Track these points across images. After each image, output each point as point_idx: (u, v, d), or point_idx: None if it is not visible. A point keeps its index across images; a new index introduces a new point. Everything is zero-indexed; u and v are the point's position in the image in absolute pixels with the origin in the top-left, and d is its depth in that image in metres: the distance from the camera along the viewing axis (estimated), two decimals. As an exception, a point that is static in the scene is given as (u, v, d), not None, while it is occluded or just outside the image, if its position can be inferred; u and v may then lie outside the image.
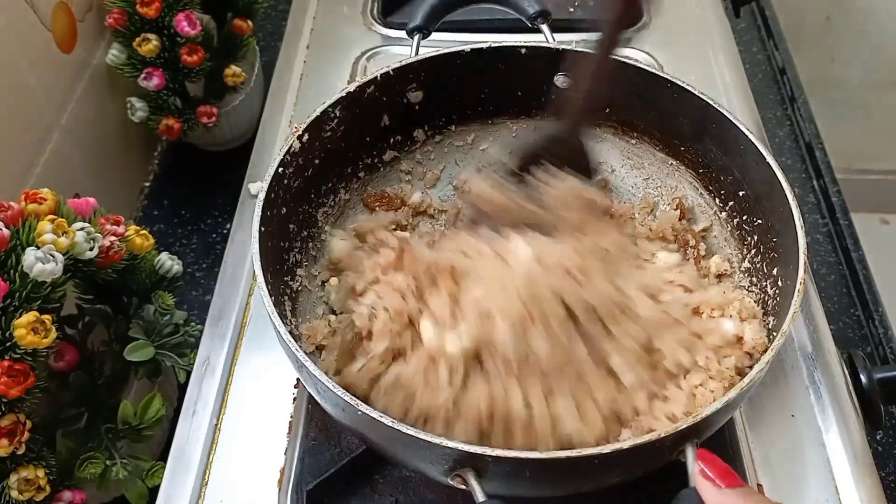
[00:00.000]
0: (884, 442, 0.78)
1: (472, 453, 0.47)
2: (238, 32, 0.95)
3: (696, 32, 0.98)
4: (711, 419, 0.49)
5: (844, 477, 0.62)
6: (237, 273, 0.75)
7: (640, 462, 0.51)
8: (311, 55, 0.97)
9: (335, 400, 0.51)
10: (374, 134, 0.74)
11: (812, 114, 1.06)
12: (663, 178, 0.75)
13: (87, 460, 0.64)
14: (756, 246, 0.66)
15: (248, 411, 0.67)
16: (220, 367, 0.69)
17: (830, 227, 0.96)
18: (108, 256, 0.64)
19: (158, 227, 0.96)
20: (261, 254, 0.57)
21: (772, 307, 0.61)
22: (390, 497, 0.63)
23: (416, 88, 0.73)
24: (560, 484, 0.52)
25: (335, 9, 1.03)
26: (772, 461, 0.63)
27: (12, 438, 0.57)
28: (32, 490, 0.59)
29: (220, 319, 0.72)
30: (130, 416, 0.67)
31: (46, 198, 0.62)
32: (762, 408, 0.66)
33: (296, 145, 0.65)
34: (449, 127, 0.77)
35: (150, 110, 0.91)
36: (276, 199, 0.63)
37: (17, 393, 0.56)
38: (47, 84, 0.81)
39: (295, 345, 0.52)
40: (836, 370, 0.68)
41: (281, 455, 0.64)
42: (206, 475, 0.63)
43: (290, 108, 0.90)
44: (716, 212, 0.71)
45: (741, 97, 0.90)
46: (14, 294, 0.57)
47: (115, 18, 0.86)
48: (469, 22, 0.92)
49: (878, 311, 0.87)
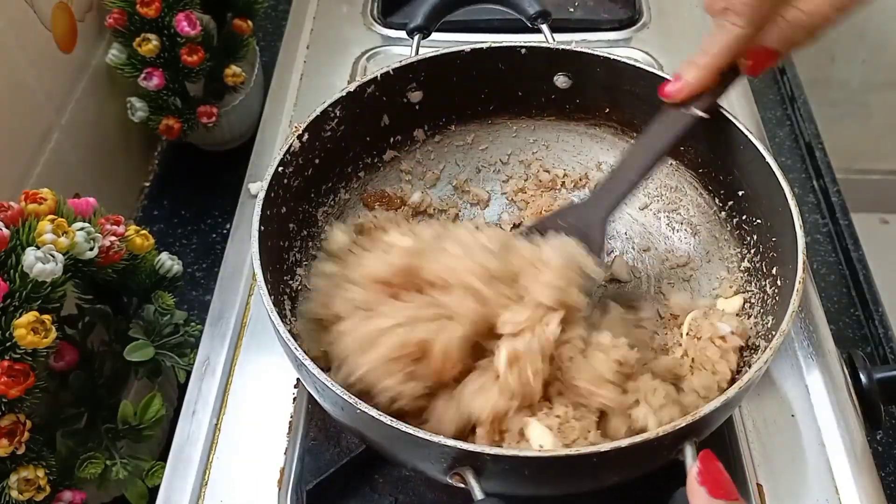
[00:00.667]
0: (884, 442, 0.78)
1: (470, 451, 0.47)
2: (238, 32, 0.95)
3: (696, 32, 0.98)
4: (710, 418, 0.49)
5: (844, 477, 0.62)
6: (237, 273, 0.75)
7: (638, 461, 0.51)
8: (311, 55, 0.97)
9: (334, 399, 0.51)
10: (374, 133, 0.74)
11: (812, 114, 1.06)
12: (663, 177, 0.75)
13: (87, 460, 0.64)
14: (755, 245, 0.66)
15: (248, 411, 0.67)
16: (220, 367, 0.69)
17: (830, 227, 0.96)
18: (108, 256, 0.64)
19: (158, 227, 0.96)
20: (260, 253, 0.57)
21: (771, 307, 0.61)
22: (390, 497, 0.63)
23: (416, 88, 0.73)
24: (558, 482, 0.52)
25: (335, 9, 1.03)
26: (772, 461, 0.63)
27: (12, 438, 0.57)
28: (32, 490, 0.59)
29: (220, 319, 0.72)
30: (130, 416, 0.67)
31: (46, 198, 0.62)
32: (762, 408, 0.66)
33: (296, 145, 0.65)
34: (449, 127, 0.77)
35: (150, 110, 0.91)
36: (275, 198, 0.63)
37: (17, 393, 0.56)
38: (47, 84, 0.81)
39: (294, 344, 0.52)
40: (836, 370, 0.68)
41: (281, 455, 0.64)
42: (206, 475, 0.63)
43: (290, 108, 0.90)
44: (715, 211, 0.71)
45: (741, 97, 0.90)
46: (14, 294, 0.57)
47: (115, 18, 0.86)
48: (469, 22, 0.92)
49: (878, 311, 0.87)
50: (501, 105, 0.77)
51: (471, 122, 0.78)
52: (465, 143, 0.78)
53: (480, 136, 0.78)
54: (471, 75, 0.73)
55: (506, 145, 0.79)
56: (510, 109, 0.77)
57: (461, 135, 0.78)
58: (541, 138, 0.78)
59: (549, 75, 0.73)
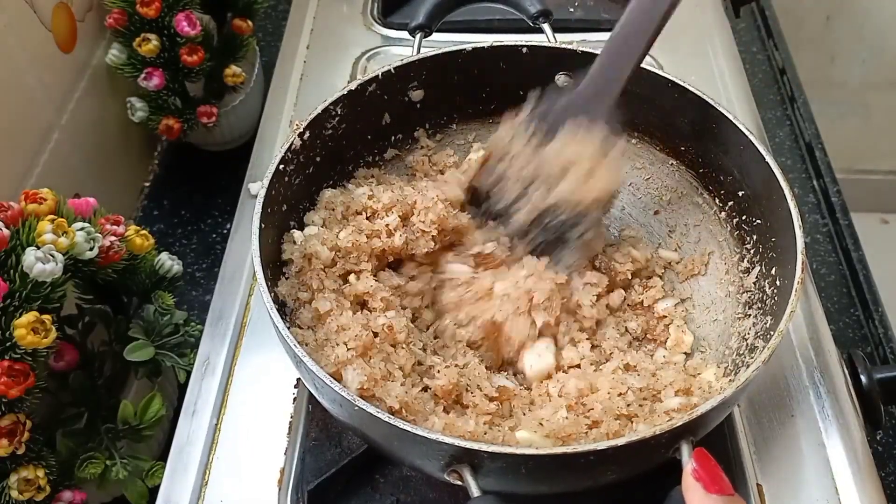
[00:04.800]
0: (884, 442, 0.78)
1: (467, 449, 0.47)
2: (238, 32, 0.95)
3: (696, 32, 0.98)
4: (707, 416, 0.49)
5: (844, 477, 0.62)
6: (237, 273, 0.75)
7: (635, 459, 0.51)
8: (311, 55, 0.97)
9: (333, 396, 0.51)
10: (375, 132, 0.74)
11: (812, 114, 1.06)
12: (663, 177, 0.75)
13: (87, 460, 0.64)
14: (755, 245, 0.66)
15: (248, 411, 0.67)
16: (220, 367, 0.69)
17: (830, 227, 0.96)
18: (108, 256, 0.64)
19: (158, 227, 0.96)
20: (261, 250, 0.57)
21: (770, 307, 0.61)
22: (391, 496, 0.63)
23: (417, 87, 0.73)
24: (556, 481, 0.52)
25: (335, 9, 1.03)
26: (772, 461, 0.63)
27: (12, 438, 0.57)
28: (32, 490, 0.59)
29: (220, 319, 0.72)
30: (130, 416, 0.67)
31: (46, 198, 0.62)
32: (762, 408, 0.66)
33: (297, 143, 0.65)
34: (450, 126, 0.77)
35: (150, 110, 0.91)
36: (276, 196, 0.63)
37: (17, 393, 0.56)
38: (47, 84, 0.81)
39: (293, 340, 0.52)
40: (836, 370, 0.68)
41: (281, 455, 0.64)
42: (206, 475, 0.63)
43: (290, 107, 0.90)
44: (715, 211, 0.71)
45: (741, 97, 0.90)
46: (14, 294, 0.57)
47: (115, 18, 0.86)
48: (470, 22, 0.92)
49: (878, 311, 0.87)
50: (502, 104, 0.76)
51: (471, 120, 0.78)
52: (465, 142, 0.78)
53: (481, 134, 0.78)
54: (472, 74, 0.73)
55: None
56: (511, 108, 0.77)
57: (462, 133, 0.78)
58: (541, 138, 0.78)
59: (550, 74, 0.73)
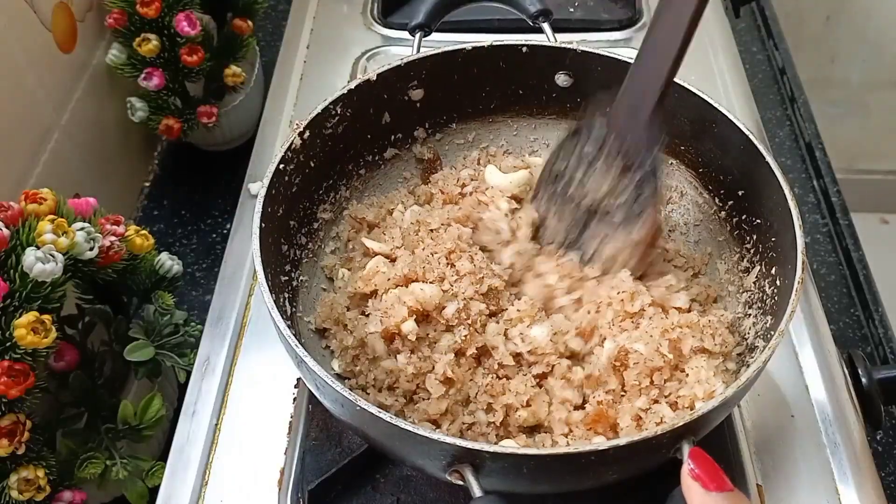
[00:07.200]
0: (884, 442, 0.78)
1: (469, 449, 0.47)
2: (238, 32, 0.95)
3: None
4: (708, 417, 0.49)
5: (844, 477, 0.62)
6: (237, 273, 0.75)
7: (636, 459, 0.51)
8: (311, 55, 0.97)
9: (334, 395, 0.51)
10: (375, 131, 0.74)
11: (812, 114, 1.06)
12: (663, 177, 0.75)
13: (87, 460, 0.64)
14: (755, 245, 0.66)
15: (248, 411, 0.67)
16: (220, 367, 0.69)
17: (830, 227, 0.96)
18: (108, 256, 0.64)
19: (158, 227, 0.96)
20: (261, 250, 0.57)
21: (770, 306, 0.61)
22: (392, 496, 0.63)
23: (417, 86, 0.73)
24: (557, 480, 0.52)
25: (335, 9, 1.03)
26: (772, 461, 0.63)
27: (12, 438, 0.57)
28: (32, 490, 0.59)
29: (220, 319, 0.72)
30: (130, 416, 0.67)
31: (46, 198, 0.62)
32: (762, 408, 0.66)
33: (297, 142, 0.65)
34: (450, 125, 0.77)
35: (150, 110, 0.91)
36: (276, 195, 0.63)
37: (17, 393, 0.56)
38: (47, 84, 0.81)
39: (294, 340, 0.52)
40: (836, 370, 0.68)
41: (281, 455, 0.64)
42: (206, 475, 0.63)
43: (290, 107, 0.90)
44: (715, 211, 0.71)
45: (741, 97, 0.90)
46: (14, 294, 0.57)
47: (115, 18, 0.86)
48: (470, 22, 0.92)
49: (878, 311, 0.87)
50: (502, 103, 0.77)
51: (472, 120, 0.78)
52: (465, 142, 0.78)
53: (481, 134, 0.78)
54: (472, 73, 0.73)
55: (507, 144, 0.79)
56: (511, 108, 0.77)
57: (462, 133, 0.78)
58: (541, 137, 0.78)
59: (550, 74, 0.73)
